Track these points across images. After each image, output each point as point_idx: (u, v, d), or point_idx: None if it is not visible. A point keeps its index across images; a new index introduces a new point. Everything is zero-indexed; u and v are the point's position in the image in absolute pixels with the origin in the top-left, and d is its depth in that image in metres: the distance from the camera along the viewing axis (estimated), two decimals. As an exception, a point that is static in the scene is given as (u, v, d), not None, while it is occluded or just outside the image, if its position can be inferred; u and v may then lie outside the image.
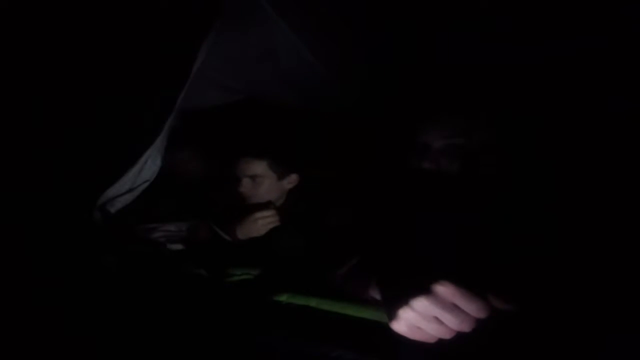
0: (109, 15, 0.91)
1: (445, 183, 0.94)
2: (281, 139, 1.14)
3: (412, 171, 0.98)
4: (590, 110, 0.92)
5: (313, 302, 0.58)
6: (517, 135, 0.93)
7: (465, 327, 0.43)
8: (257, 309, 0.60)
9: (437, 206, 0.85)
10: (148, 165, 0.89)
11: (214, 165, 1.19)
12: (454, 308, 0.43)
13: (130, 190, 0.88)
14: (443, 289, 0.43)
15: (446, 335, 0.44)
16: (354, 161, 1.13)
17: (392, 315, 0.47)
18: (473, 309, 0.43)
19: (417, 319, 0.44)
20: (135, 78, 0.89)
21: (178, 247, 0.93)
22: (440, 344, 0.46)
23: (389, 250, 0.59)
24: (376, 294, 0.54)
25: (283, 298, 0.60)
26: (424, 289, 0.44)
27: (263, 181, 1.06)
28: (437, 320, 0.44)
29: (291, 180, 1.10)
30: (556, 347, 0.47)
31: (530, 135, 0.93)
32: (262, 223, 1.00)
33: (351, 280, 0.60)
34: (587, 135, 0.89)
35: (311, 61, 1.20)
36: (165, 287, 0.68)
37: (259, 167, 1.05)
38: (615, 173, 0.81)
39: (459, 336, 0.46)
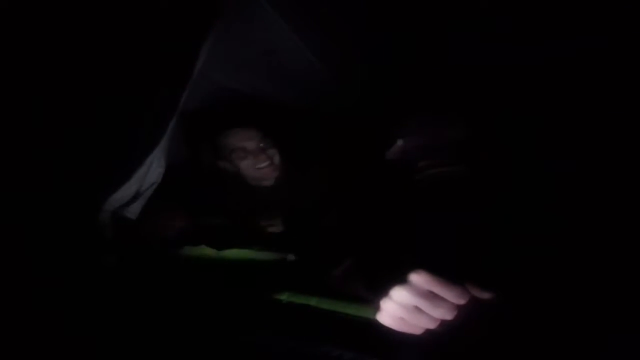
0: (108, 15, 0.91)
1: (445, 183, 0.94)
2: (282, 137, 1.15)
3: (411, 171, 0.99)
4: (590, 110, 0.92)
5: (313, 301, 0.58)
6: (517, 135, 0.93)
7: (446, 314, 0.44)
8: (257, 308, 0.60)
9: (437, 206, 0.85)
10: (154, 168, 0.88)
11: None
12: (431, 296, 0.44)
13: (137, 196, 0.87)
14: (418, 278, 0.44)
15: (430, 324, 0.45)
16: (354, 161, 1.13)
17: (376, 307, 0.48)
18: (450, 295, 0.44)
19: (398, 309, 0.45)
20: (135, 78, 0.88)
21: None
22: (438, 343, 0.47)
23: (381, 248, 0.60)
24: (372, 293, 0.54)
25: (283, 297, 0.60)
26: (401, 280, 0.44)
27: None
28: (418, 310, 0.45)
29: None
30: (557, 346, 0.47)
31: (530, 135, 0.93)
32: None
33: (349, 279, 0.60)
34: (587, 135, 0.89)
35: (311, 61, 1.20)
36: (165, 287, 0.68)
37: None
38: (615, 173, 0.81)
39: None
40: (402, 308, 0.45)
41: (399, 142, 0.98)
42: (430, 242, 0.61)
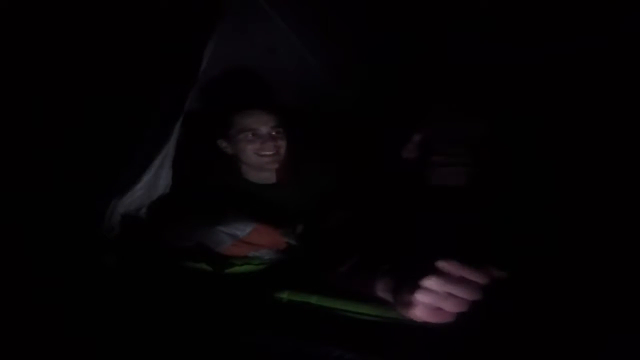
0: (109, 15, 0.91)
1: (445, 183, 0.94)
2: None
3: (412, 171, 0.99)
4: (590, 110, 0.92)
5: (314, 299, 0.58)
6: (517, 135, 0.93)
7: (476, 295, 0.47)
8: (258, 307, 0.60)
9: (437, 206, 0.86)
10: (164, 172, 0.87)
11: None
12: (462, 280, 0.47)
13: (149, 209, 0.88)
14: (448, 265, 0.48)
15: (461, 307, 0.47)
16: (354, 161, 1.13)
17: (406, 303, 0.49)
18: (478, 276, 0.48)
19: (434, 298, 0.47)
20: (139, 80, 0.88)
21: None
22: (441, 341, 0.47)
23: (393, 246, 0.60)
24: (378, 291, 0.54)
25: (284, 295, 0.60)
26: (433, 270, 0.48)
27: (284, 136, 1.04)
28: (451, 295, 0.47)
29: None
30: (557, 346, 0.47)
31: (530, 135, 0.93)
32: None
33: (353, 278, 0.60)
34: (586, 134, 0.89)
35: (311, 61, 1.20)
36: (165, 287, 0.68)
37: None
38: (615, 172, 0.81)
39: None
40: (436, 296, 0.47)
41: (416, 137, 0.97)
42: (436, 240, 0.62)
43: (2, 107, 0.85)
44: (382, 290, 0.54)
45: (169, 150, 0.87)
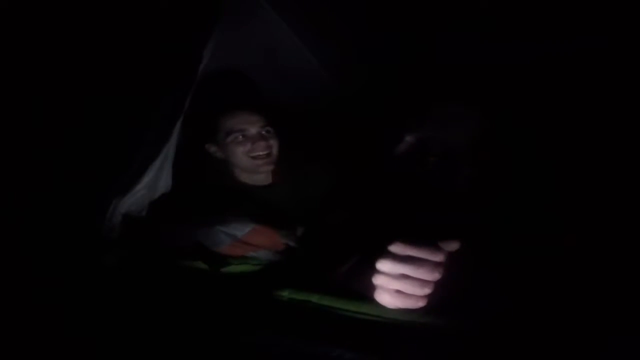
0: (109, 15, 0.91)
1: (443, 184, 0.94)
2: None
3: (411, 172, 0.99)
4: (589, 109, 0.92)
5: (314, 298, 0.58)
6: (516, 135, 0.93)
7: (433, 273, 0.47)
8: (258, 306, 0.60)
9: (437, 206, 0.85)
10: (164, 176, 0.88)
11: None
12: (413, 259, 0.48)
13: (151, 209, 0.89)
14: (395, 246, 0.49)
15: (425, 289, 0.48)
16: (354, 161, 1.13)
17: (371, 289, 0.50)
18: (428, 253, 0.48)
19: (389, 280, 0.48)
20: (135, 79, 0.88)
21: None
22: (441, 341, 0.47)
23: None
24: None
25: (285, 294, 0.60)
26: (383, 253, 0.49)
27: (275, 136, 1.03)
28: (408, 277, 0.48)
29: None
30: (557, 347, 0.47)
31: (530, 135, 0.93)
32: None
33: (353, 278, 0.60)
34: (586, 134, 0.89)
35: (311, 61, 1.20)
36: (165, 287, 0.68)
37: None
38: (615, 173, 0.81)
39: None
40: (392, 279, 0.48)
41: (408, 138, 0.96)
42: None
43: (2, 107, 0.86)
44: None
45: (169, 151, 0.87)
